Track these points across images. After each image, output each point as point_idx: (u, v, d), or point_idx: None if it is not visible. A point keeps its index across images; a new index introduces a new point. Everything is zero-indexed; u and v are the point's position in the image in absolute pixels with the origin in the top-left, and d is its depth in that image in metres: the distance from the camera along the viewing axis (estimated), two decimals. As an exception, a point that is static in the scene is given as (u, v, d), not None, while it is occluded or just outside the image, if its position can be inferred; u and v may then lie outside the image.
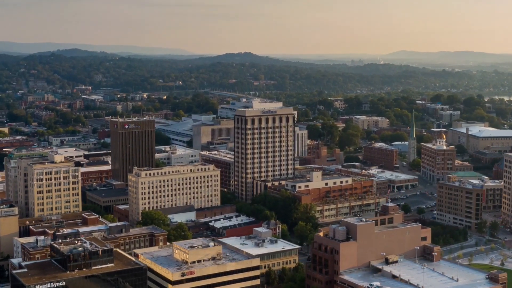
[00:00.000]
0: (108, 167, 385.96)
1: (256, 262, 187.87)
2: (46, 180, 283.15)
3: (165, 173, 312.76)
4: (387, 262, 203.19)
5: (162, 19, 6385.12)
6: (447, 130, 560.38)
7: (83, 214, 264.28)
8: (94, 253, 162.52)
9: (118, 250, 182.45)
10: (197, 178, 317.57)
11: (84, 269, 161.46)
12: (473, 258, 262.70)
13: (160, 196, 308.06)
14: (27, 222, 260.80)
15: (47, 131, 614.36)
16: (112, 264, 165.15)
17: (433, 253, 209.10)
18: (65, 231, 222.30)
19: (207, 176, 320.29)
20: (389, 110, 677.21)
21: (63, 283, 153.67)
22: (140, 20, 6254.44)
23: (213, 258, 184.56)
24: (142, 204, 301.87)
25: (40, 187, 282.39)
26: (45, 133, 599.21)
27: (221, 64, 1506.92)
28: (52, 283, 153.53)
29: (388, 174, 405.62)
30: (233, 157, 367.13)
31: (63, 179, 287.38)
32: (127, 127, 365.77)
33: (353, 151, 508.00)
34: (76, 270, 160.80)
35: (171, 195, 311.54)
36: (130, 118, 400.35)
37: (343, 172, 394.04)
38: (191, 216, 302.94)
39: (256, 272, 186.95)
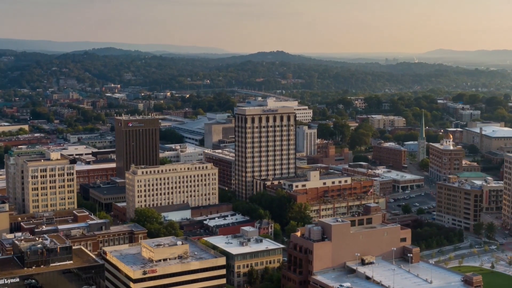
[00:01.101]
0: (114, 165, 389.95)
1: (222, 261, 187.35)
2: (41, 177, 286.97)
3: (161, 171, 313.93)
4: (363, 263, 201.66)
5: (198, 17, 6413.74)
6: (462, 130, 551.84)
7: (73, 212, 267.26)
8: (52, 250, 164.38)
9: (82, 247, 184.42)
10: (194, 176, 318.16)
11: (41, 266, 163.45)
12: (465, 260, 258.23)
13: (157, 194, 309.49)
14: (19, 218, 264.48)
15: (66, 128, 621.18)
16: (71, 261, 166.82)
17: (409, 255, 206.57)
18: (45, 228, 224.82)
19: (205, 175, 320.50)
20: (407, 110, 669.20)
21: (17, 280, 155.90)
22: (176, 19, 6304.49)
23: (180, 257, 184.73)
24: (138, 202, 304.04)
25: (35, 184, 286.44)
26: (64, 131, 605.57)
27: (251, 62, 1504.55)
28: (6, 279, 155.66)
29: (394, 174, 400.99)
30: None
31: (58, 176, 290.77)
32: (130, 125, 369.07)
33: (364, 150, 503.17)
34: (34, 267, 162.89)
35: (168, 193, 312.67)
36: (135, 116, 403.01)
37: (350, 171, 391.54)
38: (186, 214, 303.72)
39: (222, 271, 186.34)
